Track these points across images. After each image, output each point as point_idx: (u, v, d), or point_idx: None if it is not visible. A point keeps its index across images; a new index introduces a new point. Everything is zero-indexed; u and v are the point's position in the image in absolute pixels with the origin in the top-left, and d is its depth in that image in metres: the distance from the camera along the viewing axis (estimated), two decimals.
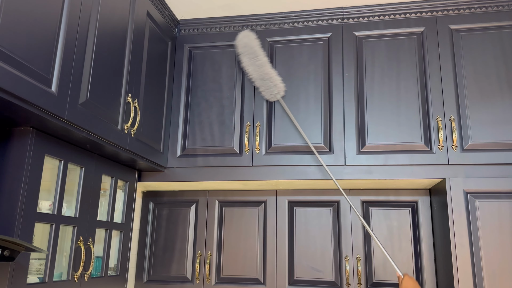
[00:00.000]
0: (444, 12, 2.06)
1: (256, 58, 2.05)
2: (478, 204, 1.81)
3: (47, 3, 1.33)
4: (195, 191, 2.37)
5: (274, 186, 2.21)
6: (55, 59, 1.36)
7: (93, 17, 1.57)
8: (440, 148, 1.90)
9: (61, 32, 1.39)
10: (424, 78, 2.01)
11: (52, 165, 1.56)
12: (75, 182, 1.68)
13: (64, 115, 1.39)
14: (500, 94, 1.92)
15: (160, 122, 2.11)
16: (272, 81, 2.05)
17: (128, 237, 2.03)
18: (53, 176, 1.57)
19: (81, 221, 1.67)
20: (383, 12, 2.11)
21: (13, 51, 1.19)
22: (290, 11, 2.21)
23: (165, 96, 2.18)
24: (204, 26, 2.31)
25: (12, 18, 1.18)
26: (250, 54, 2.06)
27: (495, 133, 1.88)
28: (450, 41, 2.03)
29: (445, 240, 1.88)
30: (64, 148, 1.58)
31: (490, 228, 1.78)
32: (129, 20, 1.83)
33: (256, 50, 2.06)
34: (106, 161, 1.85)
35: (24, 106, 1.24)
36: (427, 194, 2.15)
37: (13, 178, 1.39)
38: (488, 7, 2.02)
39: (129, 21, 1.83)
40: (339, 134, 2.02)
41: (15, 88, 1.18)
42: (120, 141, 1.72)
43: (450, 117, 1.93)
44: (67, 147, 1.60)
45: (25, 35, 1.23)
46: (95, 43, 1.57)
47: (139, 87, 1.91)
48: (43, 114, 1.32)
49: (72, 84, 1.43)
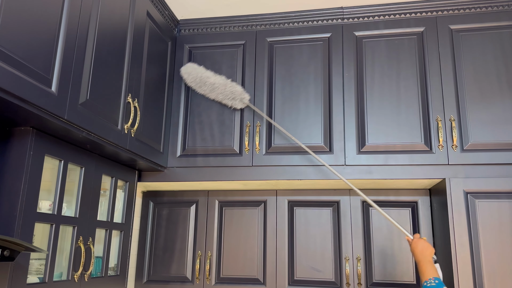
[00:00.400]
0: (444, 12, 2.06)
1: (205, 79, 2.10)
2: (478, 204, 1.81)
3: (47, 3, 1.33)
4: (195, 191, 2.37)
5: (274, 186, 2.21)
6: (55, 59, 1.36)
7: (93, 17, 1.57)
8: (440, 148, 1.90)
9: (61, 32, 1.39)
10: (424, 78, 2.01)
11: (52, 165, 1.56)
12: (75, 182, 1.68)
13: (64, 115, 1.39)
14: (500, 94, 1.92)
15: (160, 122, 2.11)
16: (232, 90, 2.07)
17: (128, 237, 2.03)
18: (53, 176, 1.57)
19: (81, 221, 1.67)
20: (383, 12, 2.11)
21: (13, 51, 1.19)
22: (290, 11, 2.21)
23: (165, 96, 2.18)
24: (204, 26, 2.31)
25: (12, 18, 1.18)
26: (197, 78, 2.12)
27: (495, 133, 1.88)
28: (450, 41, 2.03)
29: (445, 240, 1.88)
30: (64, 148, 1.58)
31: (490, 228, 1.78)
32: (129, 20, 1.83)
33: (201, 74, 2.11)
34: (106, 161, 1.85)
35: (24, 106, 1.24)
36: (427, 194, 2.15)
37: (13, 178, 1.39)
38: (488, 7, 2.02)
39: (129, 21, 1.83)
40: (339, 134, 2.02)
41: (15, 88, 1.18)
42: (120, 141, 1.72)
43: (450, 117, 1.93)
44: (67, 147, 1.60)
45: (25, 35, 1.23)
46: (95, 43, 1.57)
47: (139, 87, 1.91)
48: (43, 114, 1.32)
49: (72, 84, 1.43)
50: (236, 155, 2.10)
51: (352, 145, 2.00)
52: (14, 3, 1.19)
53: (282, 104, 2.13)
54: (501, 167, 1.85)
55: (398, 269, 2.07)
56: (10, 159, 1.41)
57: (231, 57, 2.24)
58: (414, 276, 2.06)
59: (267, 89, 2.15)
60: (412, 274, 2.06)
